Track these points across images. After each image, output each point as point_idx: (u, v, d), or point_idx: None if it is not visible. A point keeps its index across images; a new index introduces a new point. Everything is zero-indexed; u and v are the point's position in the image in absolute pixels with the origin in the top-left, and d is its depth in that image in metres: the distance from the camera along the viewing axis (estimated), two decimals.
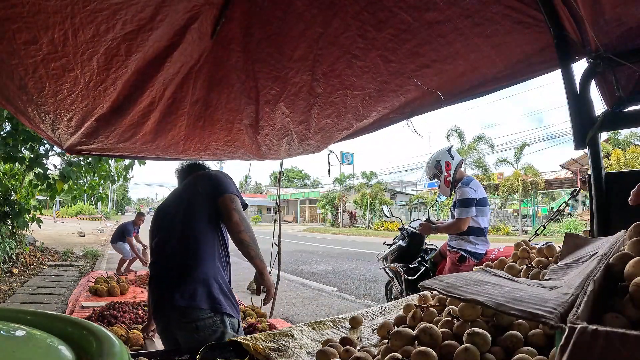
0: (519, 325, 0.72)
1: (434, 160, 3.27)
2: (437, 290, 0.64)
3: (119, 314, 3.05)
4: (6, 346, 0.41)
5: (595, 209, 1.27)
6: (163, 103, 1.85)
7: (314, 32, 1.55)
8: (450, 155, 3.23)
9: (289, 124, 2.16)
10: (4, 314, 0.55)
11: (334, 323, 1.08)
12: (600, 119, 1.23)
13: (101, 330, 0.49)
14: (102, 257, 9.40)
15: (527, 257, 1.10)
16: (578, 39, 1.22)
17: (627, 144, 16.81)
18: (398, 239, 3.95)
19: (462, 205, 2.96)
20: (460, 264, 3.00)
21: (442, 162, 3.20)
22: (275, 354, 0.84)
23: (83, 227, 16.71)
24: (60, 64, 1.31)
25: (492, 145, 21.21)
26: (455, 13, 1.35)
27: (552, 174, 23.11)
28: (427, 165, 3.37)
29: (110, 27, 1.20)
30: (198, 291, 1.53)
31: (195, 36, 1.47)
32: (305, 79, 1.80)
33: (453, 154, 3.25)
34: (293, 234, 21.34)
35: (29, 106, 1.61)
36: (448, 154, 3.24)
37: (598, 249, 0.69)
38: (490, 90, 1.70)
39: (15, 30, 1.11)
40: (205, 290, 1.54)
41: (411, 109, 1.96)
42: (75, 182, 5.09)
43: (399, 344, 0.73)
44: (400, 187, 36.57)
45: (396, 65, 1.66)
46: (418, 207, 25.58)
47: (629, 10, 1.02)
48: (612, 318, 0.49)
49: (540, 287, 0.57)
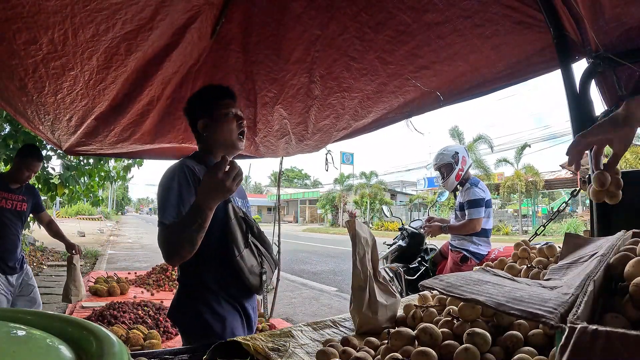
0: (519, 325, 0.72)
1: (451, 150, 3.18)
2: (437, 289, 0.64)
3: (119, 314, 3.04)
4: (6, 346, 0.41)
5: (595, 209, 1.27)
6: (162, 102, 1.85)
7: (311, 34, 1.55)
8: (466, 153, 3.23)
9: (287, 125, 2.16)
10: (4, 314, 0.55)
11: (334, 323, 1.08)
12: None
13: (101, 330, 0.49)
14: (102, 257, 9.40)
15: (527, 257, 1.10)
16: (578, 39, 1.22)
17: None
18: (398, 239, 3.95)
19: (473, 206, 2.94)
20: (462, 264, 3.00)
21: (460, 155, 3.13)
22: (275, 354, 0.84)
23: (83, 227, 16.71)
24: (60, 63, 1.31)
25: (492, 146, 21.24)
26: (455, 14, 1.34)
27: (552, 174, 23.12)
28: (441, 153, 3.22)
29: (110, 26, 1.20)
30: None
31: (195, 36, 1.47)
32: (303, 81, 1.80)
33: (468, 153, 3.27)
34: (293, 234, 21.34)
35: (29, 107, 1.61)
36: (465, 150, 3.25)
37: (598, 249, 0.69)
38: (490, 90, 1.70)
39: (15, 31, 1.11)
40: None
41: (410, 109, 1.96)
42: (74, 188, 5.10)
43: (399, 344, 0.73)
44: (400, 187, 36.58)
45: (394, 67, 1.66)
46: (418, 207, 25.60)
47: (629, 10, 1.02)
48: (612, 318, 0.49)
49: (541, 287, 0.57)
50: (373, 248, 1.08)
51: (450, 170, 3.14)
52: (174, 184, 1.21)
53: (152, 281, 4.59)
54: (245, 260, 1.30)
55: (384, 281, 1.08)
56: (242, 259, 1.29)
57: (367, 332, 0.97)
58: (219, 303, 1.28)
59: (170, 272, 4.77)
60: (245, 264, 1.30)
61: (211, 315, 1.25)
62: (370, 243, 1.07)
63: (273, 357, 0.83)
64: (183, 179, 1.23)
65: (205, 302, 1.27)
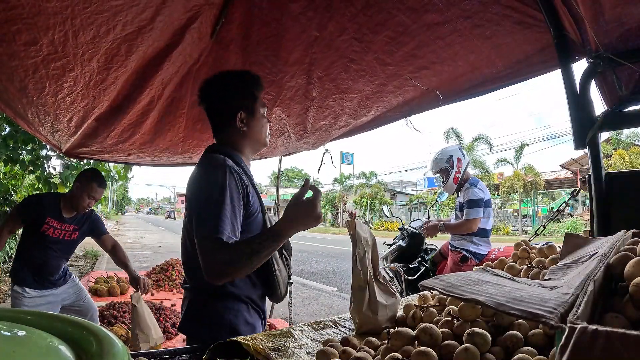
0: (519, 325, 0.72)
1: (445, 154, 3.19)
2: (437, 289, 0.64)
3: (119, 314, 3.05)
4: (6, 346, 0.41)
5: (595, 209, 1.27)
6: (162, 102, 1.85)
7: (310, 35, 1.54)
8: (462, 153, 3.21)
9: (286, 126, 2.17)
10: (4, 314, 0.55)
11: (334, 323, 1.08)
12: (600, 119, 1.23)
13: (101, 330, 0.49)
14: (102, 257, 9.39)
15: (527, 257, 1.10)
16: (578, 39, 1.22)
17: (628, 144, 16.81)
18: (398, 239, 3.94)
19: (472, 206, 2.94)
20: (462, 264, 3.00)
21: (455, 158, 3.13)
22: (275, 354, 0.84)
23: None
24: (60, 64, 1.31)
25: (491, 146, 21.22)
26: (455, 14, 1.34)
27: (552, 174, 23.12)
28: (436, 159, 3.25)
29: (111, 28, 1.20)
30: None
31: (195, 36, 1.47)
32: (301, 83, 1.80)
33: (464, 153, 3.24)
34: None
35: (29, 109, 1.61)
36: (460, 151, 3.22)
37: (598, 249, 0.69)
38: (489, 89, 1.70)
39: (16, 32, 1.11)
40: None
41: (410, 108, 1.96)
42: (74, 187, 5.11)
43: (399, 344, 0.73)
44: (400, 187, 36.57)
45: (393, 68, 1.65)
46: (418, 207, 25.59)
47: (629, 10, 1.02)
48: (612, 318, 0.49)
49: (541, 287, 0.57)
50: (373, 248, 1.08)
51: (447, 174, 3.16)
52: (226, 194, 1.06)
53: (152, 281, 4.60)
54: (281, 273, 1.22)
55: (384, 281, 1.08)
56: (280, 273, 1.22)
57: (367, 332, 0.97)
58: (248, 312, 1.20)
59: (170, 272, 4.78)
60: (281, 276, 1.22)
61: (244, 326, 1.17)
62: (370, 243, 1.07)
63: (273, 357, 0.83)
64: (235, 189, 1.09)
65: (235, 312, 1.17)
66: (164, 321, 2.98)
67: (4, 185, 5.21)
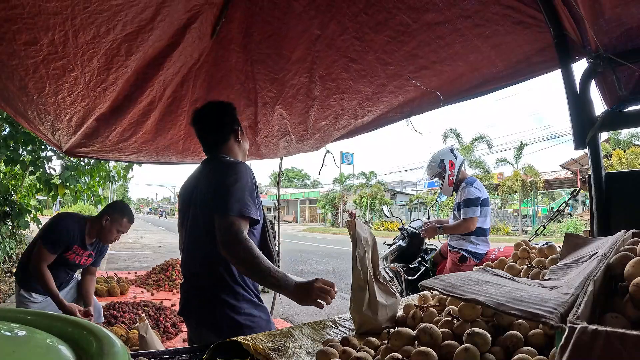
0: (519, 325, 0.72)
1: (437, 159, 3.23)
2: (437, 289, 0.64)
3: (119, 314, 3.05)
4: (6, 346, 0.41)
5: (595, 209, 1.27)
6: (163, 102, 1.85)
7: (311, 34, 1.54)
8: (453, 155, 3.21)
9: (287, 125, 2.17)
10: (4, 314, 0.55)
11: (334, 323, 1.08)
12: (600, 119, 1.23)
13: (101, 330, 0.49)
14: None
15: (527, 257, 1.10)
16: (578, 39, 1.22)
17: (627, 144, 16.81)
18: (398, 239, 3.94)
19: (469, 205, 2.94)
20: (461, 264, 3.00)
21: (446, 161, 3.17)
22: (275, 354, 0.84)
23: None
24: (60, 64, 1.31)
25: (491, 146, 21.21)
26: (455, 14, 1.34)
27: (552, 174, 23.11)
28: (429, 165, 3.32)
29: (111, 28, 1.20)
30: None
31: (195, 36, 1.47)
32: (303, 81, 1.81)
33: (456, 154, 3.24)
34: (293, 234, 21.33)
35: (29, 108, 1.61)
36: (451, 153, 3.23)
37: (598, 249, 0.69)
38: (490, 90, 1.70)
39: (16, 31, 1.11)
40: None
41: (410, 109, 1.96)
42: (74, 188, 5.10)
43: (399, 344, 0.73)
44: (400, 187, 36.55)
45: (394, 68, 1.66)
46: (418, 207, 25.58)
47: (629, 10, 1.02)
48: (612, 318, 0.49)
49: (541, 287, 0.57)
50: (373, 248, 1.08)
51: (442, 178, 3.20)
52: (254, 188, 1.31)
53: (152, 281, 4.60)
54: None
55: (384, 281, 1.08)
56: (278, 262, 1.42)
57: (367, 332, 0.97)
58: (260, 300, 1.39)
59: (170, 272, 4.77)
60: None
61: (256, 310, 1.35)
62: (371, 243, 1.07)
63: (273, 357, 0.83)
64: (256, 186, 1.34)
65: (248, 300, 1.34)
66: (164, 321, 2.98)
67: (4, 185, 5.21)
